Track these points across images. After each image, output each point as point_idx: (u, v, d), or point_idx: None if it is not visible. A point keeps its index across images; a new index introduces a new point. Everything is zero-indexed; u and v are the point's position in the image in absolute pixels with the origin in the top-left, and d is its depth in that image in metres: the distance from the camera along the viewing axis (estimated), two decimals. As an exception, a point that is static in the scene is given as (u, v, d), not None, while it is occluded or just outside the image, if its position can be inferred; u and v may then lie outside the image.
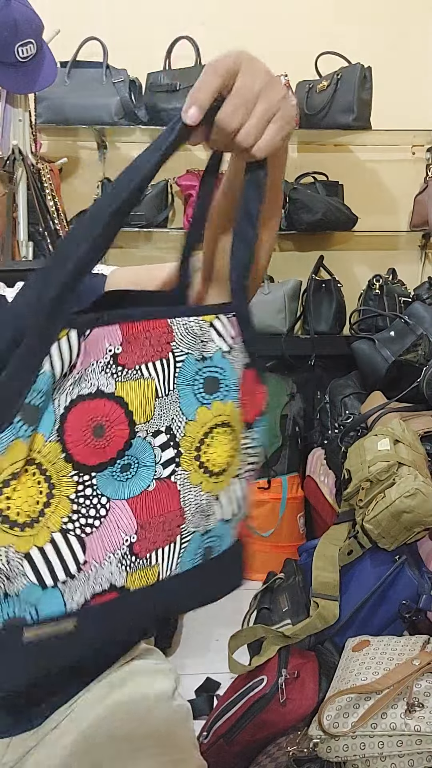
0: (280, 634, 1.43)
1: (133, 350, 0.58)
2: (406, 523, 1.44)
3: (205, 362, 0.63)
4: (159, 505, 0.61)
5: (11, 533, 0.53)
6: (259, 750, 1.34)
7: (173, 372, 0.61)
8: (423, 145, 2.87)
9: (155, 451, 0.60)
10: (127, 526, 0.59)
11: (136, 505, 0.59)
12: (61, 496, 0.55)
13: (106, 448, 0.57)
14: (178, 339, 0.61)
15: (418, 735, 1.07)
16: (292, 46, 2.68)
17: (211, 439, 0.64)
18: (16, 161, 2.11)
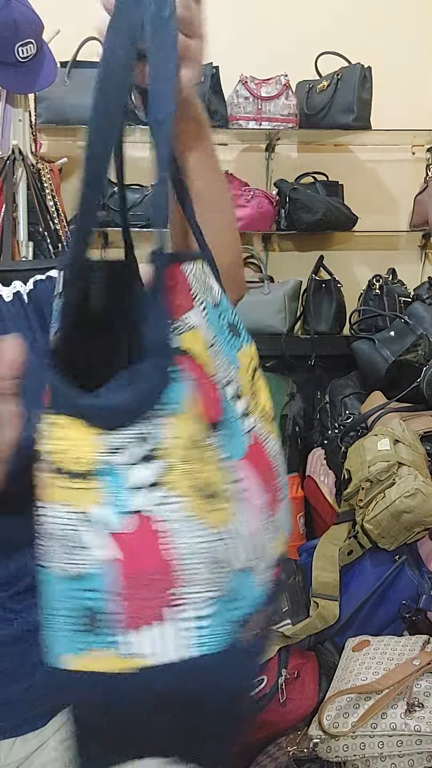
0: (280, 634, 1.43)
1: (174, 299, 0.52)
2: (406, 523, 1.44)
3: (220, 308, 0.57)
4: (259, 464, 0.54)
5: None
6: (259, 750, 1.34)
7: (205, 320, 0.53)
8: (423, 145, 2.87)
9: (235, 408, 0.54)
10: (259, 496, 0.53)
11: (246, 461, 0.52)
12: None
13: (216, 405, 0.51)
14: (194, 287, 0.53)
15: (418, 735, 1.07)
16: (292, 46, 2.68)
17: (256, 384, 0.59)
18: (16, 161, 2.11)
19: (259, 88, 2.51)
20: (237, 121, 2.55)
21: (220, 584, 0.45)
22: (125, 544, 0.44)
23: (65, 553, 0.44)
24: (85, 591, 0.44)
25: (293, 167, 2.80)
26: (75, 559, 0.44)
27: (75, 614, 0.44)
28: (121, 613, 0.44)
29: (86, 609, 0.44)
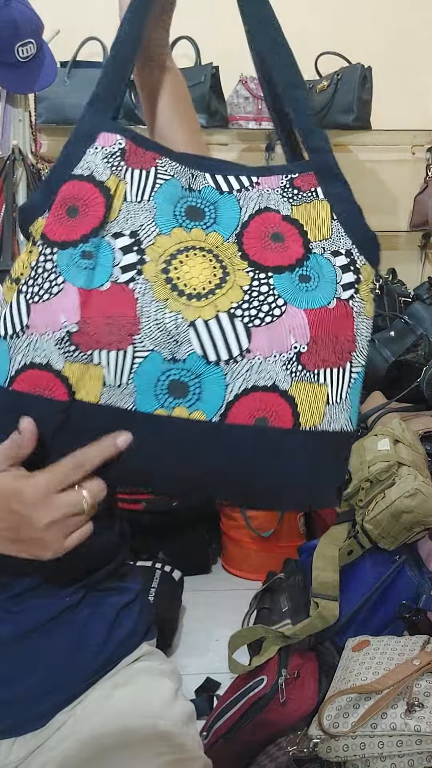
0: (280, 634, 1.43)
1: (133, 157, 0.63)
2: (406, 523, 1.44)
3: (191, 194, 0.63)
4: (109, 306, 0.59)
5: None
6: (259, 750, 1.34)
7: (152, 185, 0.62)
8: (423, 145, 2.87)
9: (115, 252, 0.60)
10: (71, 313, 0.59)
11: (86, 297, 0.59)
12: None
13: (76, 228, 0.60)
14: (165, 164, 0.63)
15: (418, 735, 1.07)
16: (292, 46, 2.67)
17: (184, 257, 0.60)
18: (16, 161, 2.11)
19: (259, 88, 2.51)
20: (237, 121, 2.55)
21: None
22: None
23: None
24: None
25: (293, 167, 2.79)
26: None
27: None
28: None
29: None
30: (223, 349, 0.59)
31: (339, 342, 0.61)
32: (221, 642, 1.74)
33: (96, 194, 0.61)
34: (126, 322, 0.59)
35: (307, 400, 0.60)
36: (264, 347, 0.59)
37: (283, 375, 0.59)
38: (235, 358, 0.58)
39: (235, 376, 0.58)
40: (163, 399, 0.59)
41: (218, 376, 0.59)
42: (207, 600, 2.09)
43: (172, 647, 1.87)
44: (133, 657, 0.88)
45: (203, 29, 2.48)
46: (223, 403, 0.59)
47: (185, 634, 1.94)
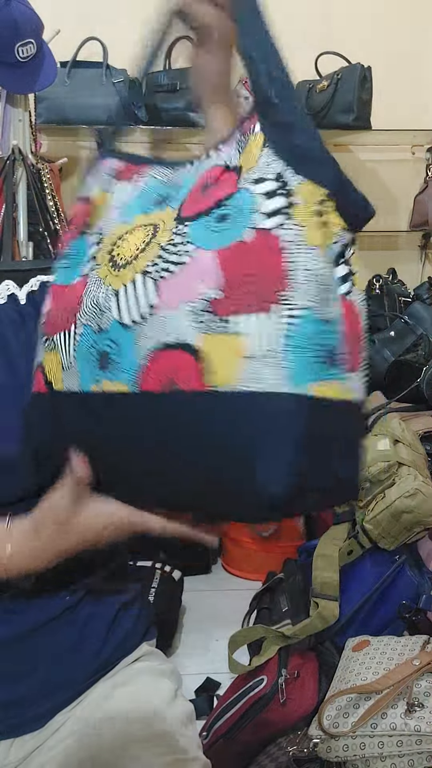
0: (280, 634, 1.43)
1: None
2: (406, 523, 1.44)
3: (167, 185, 0.65)
4: (69, 296, 0.62)
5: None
6: (259, 750, 1.34)
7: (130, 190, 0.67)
8: (423, 145, 2.87)
9: (88, 252, 0.64)
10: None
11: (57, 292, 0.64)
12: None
13: (65, 241, 0.69)
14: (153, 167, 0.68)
15: (418, 735, 1.07)
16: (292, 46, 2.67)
17: (128, 235, 0.59)
18: (16, 161, 2.11)
19: (259, 88, 2.51)
20: (237, 121, 2.55)
21: None
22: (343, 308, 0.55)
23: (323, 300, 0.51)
24: (332, 333, 0.51)
25: (293, 167, 2.79)
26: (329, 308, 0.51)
27: (322, 350, 0.51)
28: (347, 353, 0.53)
29: (330, 347, 0.51)
30: (135, 309, 0.54)
31: (262, 280, 0.50)
32: (221, 642, 1.74)
33: (84, 208, 0.69)
34: (73, 305, 0.60)
35: (218, 356, 0.49)
36: (171, 300, 0.52)
37: (189, 327, 0.50)
38: (144, 317, 0.53)
39: (144, 337, 0.53)
40: (95, 373, 0.56)
41: (131, 341, 0.53)
42: (207, 600, 2.09)
43: (172, 647, 1.87)
44: (132, 657, 0.88)
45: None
46: (137, 370, 0.53)
47: (185, 634, 1.94)
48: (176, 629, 1.92)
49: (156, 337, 0.52)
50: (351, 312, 0.55)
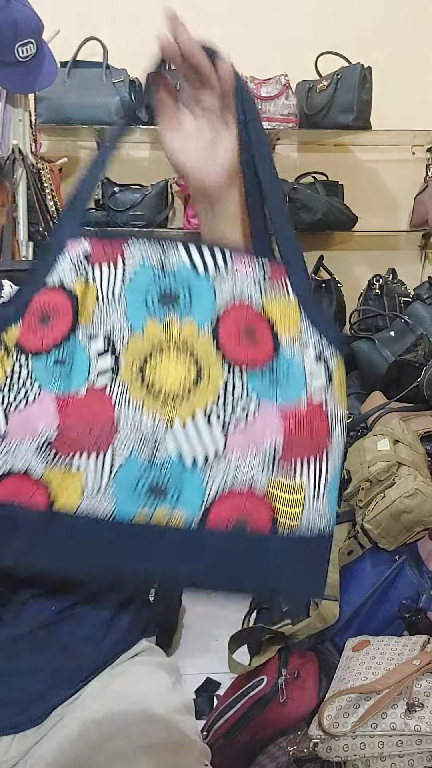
0: (280, 634, 1.43)
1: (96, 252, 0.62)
2: (406, 523, 1.44)
3: (165, 276, 0.62)
4: (87, 412, 0.59)
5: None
6: (259, 750, 1.34)
7: (122, 278, 0.61)
8: (423, 145, 2.87)
9: (90, 356, 0.60)
10: (48, 420, 0.59)
11: (63, 403, 0.59)
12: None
13: (47, 336, 0.60)
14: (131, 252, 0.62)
15: (418, 735, 1.07)
16: (292, 46, 2.68)
17: (159, 357, 0.60)
18: (16, 161, 2.11)
19: (259, 88, 2.51)
20: (237, 121, 2.55)
21: None
22: None
23: None
24: None
25: (293, 167, 2.80)
26: None
27: None
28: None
29: None
30: (200, 451, 0.58)
31: (315, 439, 0.60)
32: (221, 642, 1.74)
33: (64, 301, 0.61)
34: (104, 425, 0.58)
35: (285, 502, 0.58)
36: (240, 447, 0.58)
37: (259, 474, 0.58)
38: (212, 460, 0.57)
39: (213, 478, 0.57)
40: (144, 501, 0.58)
41: (196, 479, 0.58)
42: (207, 600, 2.08)
43: (172, 647, 1.87)
44: (131, 653, 0.89)
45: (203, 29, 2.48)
46: (202, 508, 0.58)
47: (185, 634, 1.94)
48: (176, 629, 1.92)
49: (225, 479, 0.57)
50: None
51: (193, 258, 0.62)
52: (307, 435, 0.59)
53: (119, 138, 0.69)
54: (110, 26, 2.59)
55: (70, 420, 0.59)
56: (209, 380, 0.59)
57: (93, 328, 0.61)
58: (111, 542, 0.58)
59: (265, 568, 0.58)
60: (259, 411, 0.59)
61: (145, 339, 0.60)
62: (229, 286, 0.61)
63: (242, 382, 0.59)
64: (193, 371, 0.59)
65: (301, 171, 2.77)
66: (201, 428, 0.58)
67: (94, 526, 0.58)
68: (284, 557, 0.58)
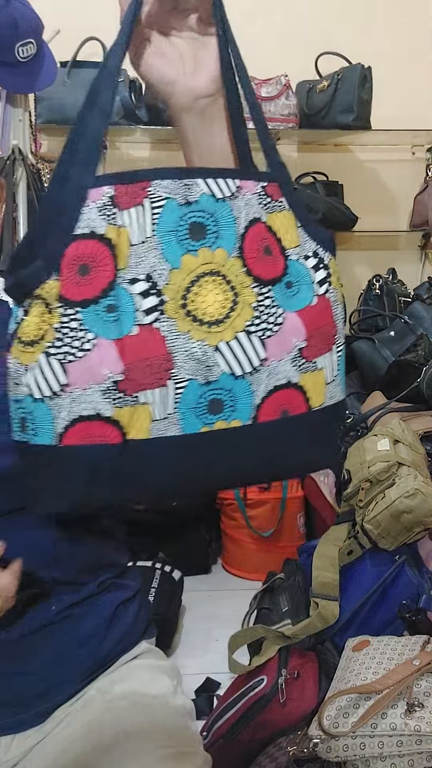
0: (280, 634, 1.43)
1: None
2: (406, 523, 1.44)
3: (191, 207, 0.65)
4: (144, 349, 0.63)
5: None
6: (259, 750, 1.34)
7: (151, 218, 0.64)
8: (423, 145, 2.87)
9: (135, 298, 0.63)
10: (112, 365, 0.62)
11: (121, 346, 0.63)
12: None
13: (92, 285, 0.63)
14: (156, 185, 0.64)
15: (418, 735, 1.07)
16: (292, 46, 2.68)
17: (198, 288, 0.65)
18: (16, 161, 2.11)
19: (259, 88, 2.51)
20: (237, 121, 2.55)
21: None
22: None
23: None
24: None
25: (293, 167, 2.79)
26: None
27: None
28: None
29: None
30: (246, 363, 0.66)
31: (325, 331, 0.70)
32: (221, 642, 1.74)
33: (100, 247, 0.63)
34: (161, 360, 0.63)
35: (312, 386, 0.70)
36: (276, 353, 0.67)
37: (292, 372, 0.68)
38: (256, 368, 0.66)
39: (259, 382, 0.67)
40: (205, 418, 0.65)
41: (246, 387, 0.67)
42: (207, 600, 2.09)
43: (172, 647, 1.87)
44: (131, 655, 0.89)
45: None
46: (254, 408, 0.67)
47: (185, 634, 1.94)
48: (176, 629, 1.92)
49: (269, 381, 0.67)
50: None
51: (210, 186, 0.66)
52: (320, 328, 0.70)
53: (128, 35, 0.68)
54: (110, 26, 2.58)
55: (130, 360, 0.63)
56: (244, 302, 0.66)
57: (132, 270, 0.64)
58: (182, 455, 0.65)
59: (304, 439, 0.70)
60: (285, 318, 0.68)
61: (183, 273, 0.65)
62: (243, 207, 0.67)
63: (270, 297, 0.67)
64: (230, 296, 0.66)
65: (301, 171, 2.77)
66: (244, 344, 0.66)
67: (166, 445, 0.64)
68: (317, 426, 0.70)
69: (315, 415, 0.70)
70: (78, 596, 0.86)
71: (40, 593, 0.83)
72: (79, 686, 0.84)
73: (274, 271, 0.68)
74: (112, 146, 2.75)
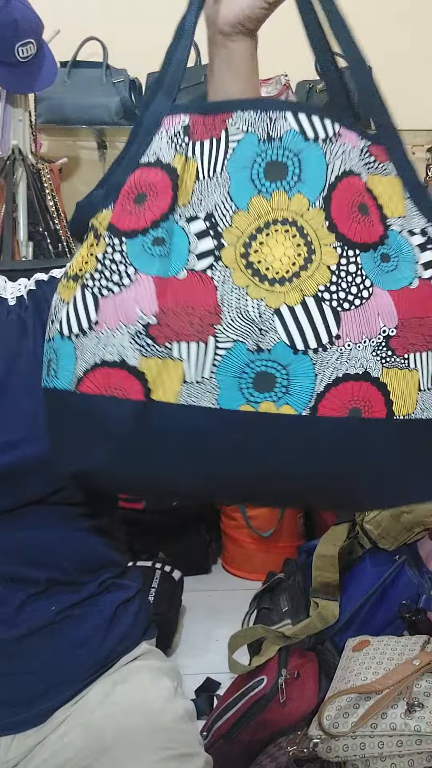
0: (280, 634, 1.43)
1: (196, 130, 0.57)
2: (406, 523, 1.44)
3: (269, 144, 0.56)
4: (188, 296, 0.54)
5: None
6: (259, 750, 1.34)
7: (224, 152, 0.56)
8: (423, 145, 2.87)
9: (190, 237, 0.54)
10: (147, 304, 0.54)
11: (162, 286, 0.54)
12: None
13: (144, 214, 0.55)
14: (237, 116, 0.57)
15: (418, 735, 1.06)
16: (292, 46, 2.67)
17: (265, 236, 0.55)
18: (16, 161, 2.11)
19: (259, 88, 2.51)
20: (237, 121, 2.55)
21: None
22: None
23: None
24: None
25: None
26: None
27: None
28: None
29: None
30: (312, 336, 0.54)
31: (426, 324, 0.56)
32: (221, 642, 1.74)
33: (162, 177, 0.55)
34: (206, 311, 0.54)
35: (400, 388, 0.55)
36: (354, 333, 0.54)
37: (373, 362, 0.54)
38: (325, 346, 0.54)
39: (325, 365, 0.54)
40: (248, 393, 0.54)
41: (307, 366, 0.54)
42: (207, 600, 2.09)
43: (172, 647, 1.87)
44: (132, 656, 0.88)
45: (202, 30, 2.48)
46: (314, 395, 0.54)
47: (185, 634, 1.94)
48: (176, 629, 1.92)
49: (340, 366, 0.54)
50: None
51: (301, 123, 0.57)
52: (419, 318, 0.56)
53: None
54: (110, 26, 2.59)
55: (169, 304, 0.54)
56: (321, 262, 0.55)
57: (193, 207, 0.56)
58: (214, 434, 0.54)
59: (380, 454, 0.55)
60: (373, 294, 0.55)
61: (251, 216, 0.55)
62: (339, 156, 0.56)
63: (356, 263, 0.55)
64: (304, 251, 0.54)
65: (301, 171, 2.77)
66: (313, 312, 0.54)
67: (196, 417, 0.53)
68: (400, 441, 0.56)
69: (400, 426, 0.55)
70: (78, 596, 0.86)
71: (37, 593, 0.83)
72: (80, 686, 0.84)
73: (367, 235, 0.56)
74: (111, 146, 2.75)
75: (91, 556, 0.89)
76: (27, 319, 0.83)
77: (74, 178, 2.75)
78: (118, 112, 2.46)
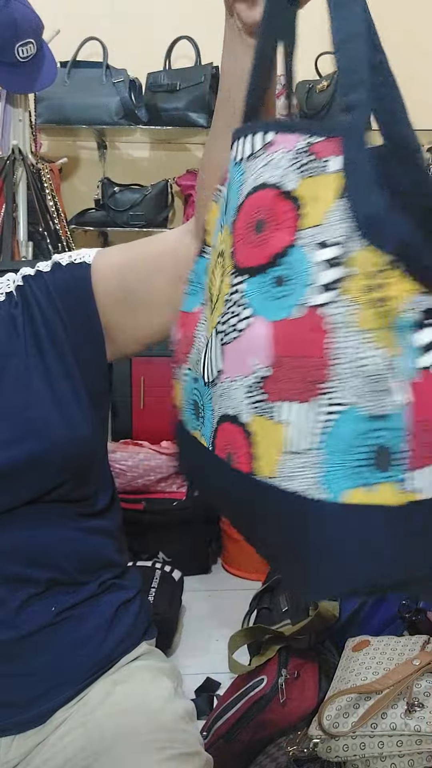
0: (280, 634, 1.43)
1: None
2: (406, 523, 1.44)
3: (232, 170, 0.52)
4: (188, 328, 0.50)
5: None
6: (259, 750, 1.34)
7: None
8: (423, 145, 2.87)
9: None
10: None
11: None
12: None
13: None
14: None
15: (418, 735, 1.06)
16: (292, 46, 2.67)
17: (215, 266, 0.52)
18: (16, 161, 2.11)
19: (259, 88, 2.51)
20: (237, 121, 2.55)
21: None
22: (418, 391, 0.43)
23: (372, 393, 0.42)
24: (384, 431, 0.42)
25: (293, 167, 2.79)
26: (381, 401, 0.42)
27: (368, 451, 0.43)
28: (410, 451, 0.43)
29: (380, 447, 0.43)
30: (209, 370, 0.50)
31: (305, 366, 0.44)
32: (221, 642, 1.74)
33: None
34: (189, 339, 0.51)
35: (264, 442, 0.46)
36: (230, 369, 0.48)
37: (245, 404, 0.46)
38: (214, 381, 0.50)
39: (215, 401, 0.50)
40: (192, 418, 0.53)
41: (209, 399, 0.50)
42: (207, 600, 2.09)
43: (172, 647, 1.87)
44: (132, 656, 0.89)
45: (203, 29, 2.48)
46: (212, 431, 0.50)
47: (185, 634, 1.94)
48: (176, 629, 1.92)
49: (221, 404, 0.49)
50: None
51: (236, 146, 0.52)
52: (298, 359, 0.44)
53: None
54: (110, 26, 2.59)
55: (180, 334, 0.51)
56: (221, 291, 0.50)
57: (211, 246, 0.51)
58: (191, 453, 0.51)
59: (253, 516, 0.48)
60: (250, 328, 0.46)
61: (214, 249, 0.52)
62: (258, 169, 0.49)
63: (241, 291, 0.48)
64: (218, 283, 0.51)
65: (301, 171, 2.77)
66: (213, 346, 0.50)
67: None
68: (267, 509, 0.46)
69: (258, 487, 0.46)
70: (78, 596, 0.86)
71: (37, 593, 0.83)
72: (80, 687, 0.84)
73: (259, 256, 0.47)
74: (111, 146, 2.75)
75: (91, 556, 0.89)
76: (17, 316, 0.83)
77: (74, 178, 2.75)
78: (118, 112, 2.47)
